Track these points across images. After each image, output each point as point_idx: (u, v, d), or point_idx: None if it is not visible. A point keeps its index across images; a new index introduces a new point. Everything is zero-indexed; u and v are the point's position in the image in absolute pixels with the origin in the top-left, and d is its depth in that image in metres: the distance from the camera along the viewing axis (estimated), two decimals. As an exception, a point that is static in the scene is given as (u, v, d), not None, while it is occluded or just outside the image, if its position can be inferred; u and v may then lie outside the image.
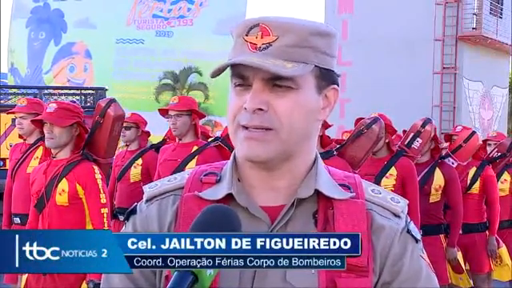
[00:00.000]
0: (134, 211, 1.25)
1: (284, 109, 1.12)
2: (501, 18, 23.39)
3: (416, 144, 4.74)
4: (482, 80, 23.06)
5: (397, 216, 1.20)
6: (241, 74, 1.14)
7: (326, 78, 1.18)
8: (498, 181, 5.73)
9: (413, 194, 4.42)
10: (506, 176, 5.92)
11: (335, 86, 1.20)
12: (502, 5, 23.68)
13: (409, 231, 1.20)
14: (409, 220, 1.22)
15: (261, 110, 1.12)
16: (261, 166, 1.17)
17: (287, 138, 1.13)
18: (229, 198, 1.18)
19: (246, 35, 1.13)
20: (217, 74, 1.15)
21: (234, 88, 1.16)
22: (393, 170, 4.56)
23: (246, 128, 1.13)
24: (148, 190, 1.25)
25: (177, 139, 4.87)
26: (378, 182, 4.34)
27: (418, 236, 1.21)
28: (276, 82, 1.12)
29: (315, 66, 1.14)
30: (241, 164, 1.21)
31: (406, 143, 4.75)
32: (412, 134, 4.77)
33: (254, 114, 1.12)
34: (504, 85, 25.43)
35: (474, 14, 22.25)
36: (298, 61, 1.12)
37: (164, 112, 4.93)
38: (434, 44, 21.51)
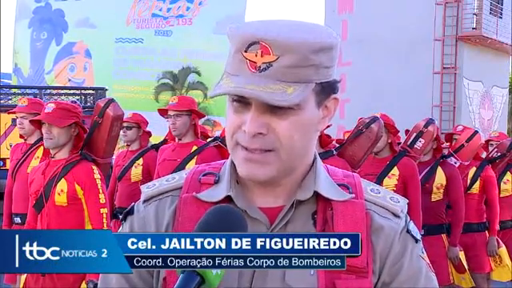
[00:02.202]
0: (131, 211, 1.23)
1: (285, 131, 1.10)
2: (501, 18, 23.37)
3: (418, 144, 4.74)
4: (482, 80, 23.05)
5: (396, 216, 1.19)
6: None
7: (326, 91, 1.14)
8: (500, 181, 5.73)
9: (415, 194, 4.42)
10: (508, 176, 5.90)
11: (335, 96, 1.17)
12: (501, 5, 23.67)
13: (408, 231, 1.19)
14: (409, 220, 1.21)
15: (261, 133, 1.09)
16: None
17: (287, 157, 1.12)
18: (227, 199, 1.16)
19: (245, 51, 1.09)
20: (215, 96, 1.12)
21: (232, 102, 1.12)
22: (395, 170, 4.56)
23: (246, 149, 1.10)
24: (146, 190, 1.24)
25: (176, 139, 4.87)
26: (379, 182, 4.34)
27: (418, 236, 1.20)
28: None
29: (316, 83, 1.11)
30: None
31: (408, 143, 4.75)
32: (414, 134, 4.77)
33: (254, 138, 1.09)
34: (504, 85, 25.42)
35: (474, 14, 22.25)
36: (299, 81, 1.08)
37: (164, 112, 4.93)
38: (433, 44, 21.50)
